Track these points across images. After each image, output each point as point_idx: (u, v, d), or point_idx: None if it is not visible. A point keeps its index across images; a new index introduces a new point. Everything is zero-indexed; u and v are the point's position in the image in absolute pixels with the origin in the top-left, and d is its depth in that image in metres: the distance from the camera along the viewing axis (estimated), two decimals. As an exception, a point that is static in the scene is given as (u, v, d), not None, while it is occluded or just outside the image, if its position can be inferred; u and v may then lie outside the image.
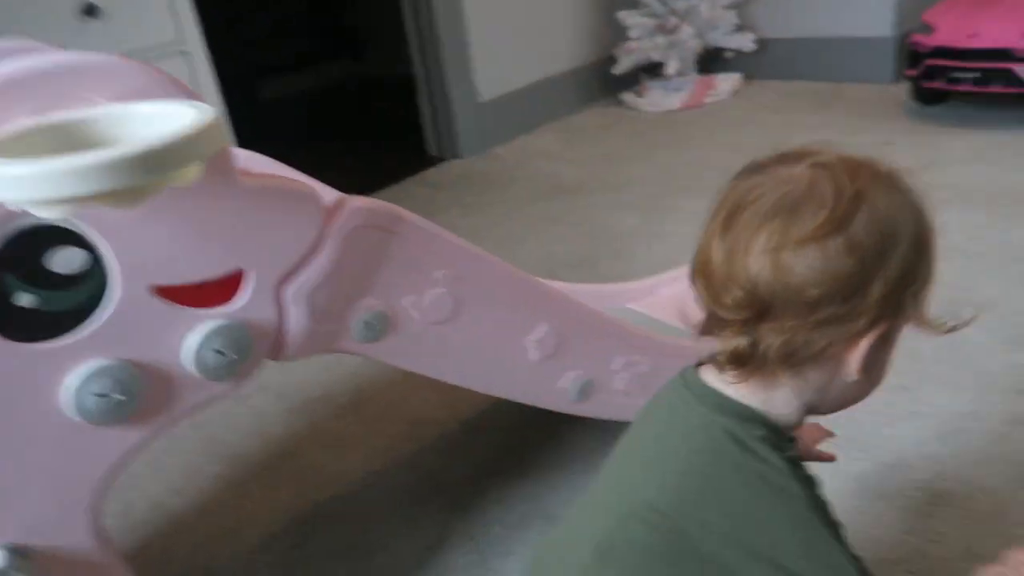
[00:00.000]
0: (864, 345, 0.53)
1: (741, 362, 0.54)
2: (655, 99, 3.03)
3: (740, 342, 0.53)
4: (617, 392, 1.08)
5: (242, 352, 0.74)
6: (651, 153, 2.59)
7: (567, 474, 1.18)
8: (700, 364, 0.60)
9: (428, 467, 1.26)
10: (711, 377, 0.58)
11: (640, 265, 1.81)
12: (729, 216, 0.53)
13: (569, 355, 1.02)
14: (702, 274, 0.55)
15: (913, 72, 2.41)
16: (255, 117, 2.38)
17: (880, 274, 0.51)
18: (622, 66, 3.07)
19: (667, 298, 1.59)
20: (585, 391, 1.05)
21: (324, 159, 1.66)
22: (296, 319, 0.78)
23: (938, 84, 2.35)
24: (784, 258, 0.50)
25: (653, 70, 3.08)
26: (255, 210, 0.73)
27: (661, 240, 1.92)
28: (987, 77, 2.22)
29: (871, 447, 1.13)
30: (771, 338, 0.52)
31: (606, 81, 3.16)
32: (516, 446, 1.27)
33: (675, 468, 0.56)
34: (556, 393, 1.04)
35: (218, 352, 0.73)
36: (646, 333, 1.11)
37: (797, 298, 0.51)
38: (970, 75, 2.25)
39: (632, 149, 2.67)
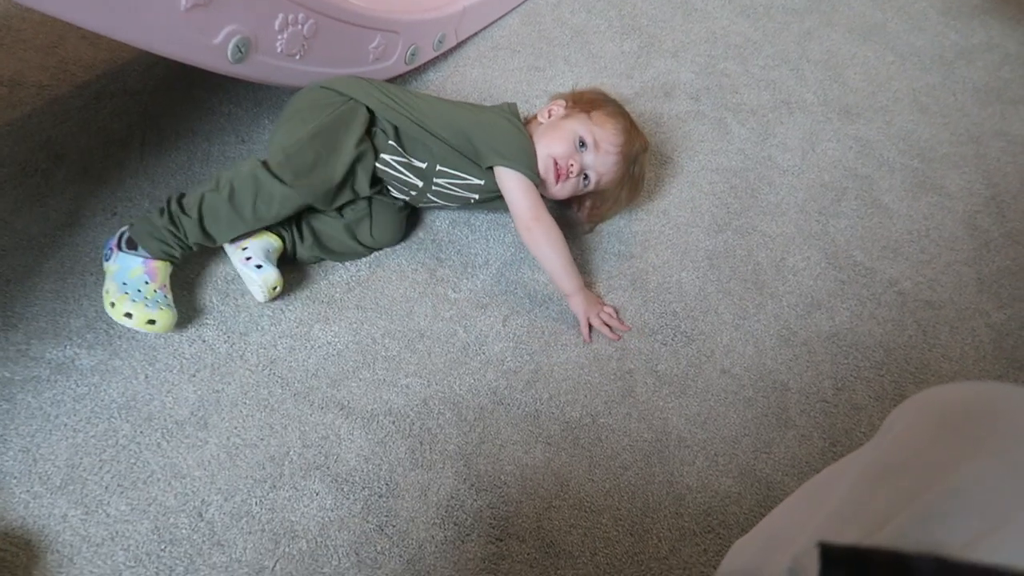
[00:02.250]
0: None
1: None
2: None
3: None
4: (278, 55, 0.99)
5: None
6: None
7: (219, 145, 1.10)
8: None
9: (43, 135, 1.06)
10: None
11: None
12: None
13: (225, 6, 0.90)
14: None
15: None
16: None
17: None
18: None
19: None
20: (243, 50, 0.95)
21: None
22: None
23: None
24: None
25: None
26: None
27: None
28: None
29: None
30: None
31: None
32: (150, 115, 1.12)
33: None
34: (210, 50, 0.92)
35: None
36: (309, -12, 1.01)
37: None
38: None
39: None
